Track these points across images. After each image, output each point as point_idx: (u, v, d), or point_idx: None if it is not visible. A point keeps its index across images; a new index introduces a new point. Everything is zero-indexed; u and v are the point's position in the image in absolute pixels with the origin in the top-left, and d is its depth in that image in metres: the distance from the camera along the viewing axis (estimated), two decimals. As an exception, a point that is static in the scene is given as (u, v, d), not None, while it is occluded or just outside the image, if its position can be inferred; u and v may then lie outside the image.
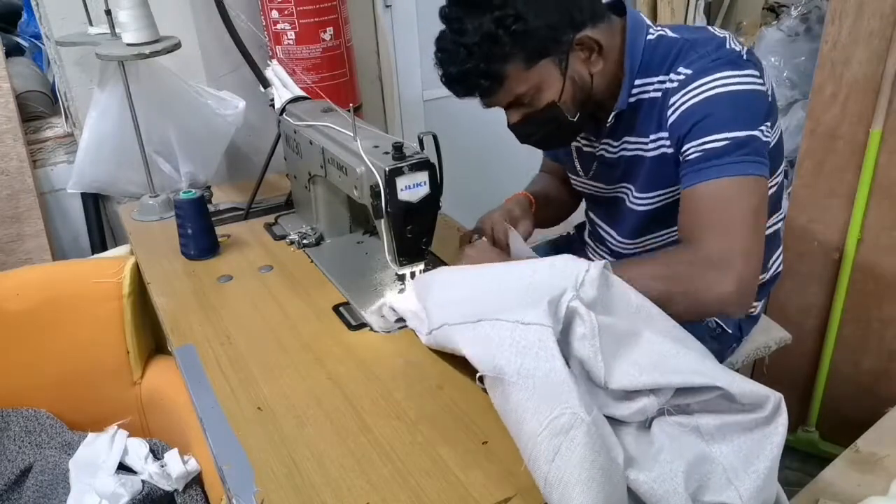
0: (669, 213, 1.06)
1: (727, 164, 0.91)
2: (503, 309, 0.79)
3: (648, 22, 1.05)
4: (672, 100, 0.98)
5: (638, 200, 1.12)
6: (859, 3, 1.35)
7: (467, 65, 0.97)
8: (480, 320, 0.81)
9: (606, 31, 1.02)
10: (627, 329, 0.78)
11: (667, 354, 0.76)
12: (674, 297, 0.88)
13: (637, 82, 1.03)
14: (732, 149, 0.92)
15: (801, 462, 1.75)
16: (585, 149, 1.19)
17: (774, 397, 0.74)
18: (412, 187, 1.01)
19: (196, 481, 1.24)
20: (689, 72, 0.96)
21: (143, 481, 1.22)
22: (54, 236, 1.78)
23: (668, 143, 1.01)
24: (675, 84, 0.98)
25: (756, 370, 1.61)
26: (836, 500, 0.89)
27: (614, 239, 1.23)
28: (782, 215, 1.18)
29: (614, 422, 0.76)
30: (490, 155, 2.54)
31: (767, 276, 1.20)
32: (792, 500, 0.91)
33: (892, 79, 1.34)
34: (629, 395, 0.76)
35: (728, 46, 0.98)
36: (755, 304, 1.22)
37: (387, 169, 0.98)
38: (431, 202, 1.04)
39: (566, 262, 0.84)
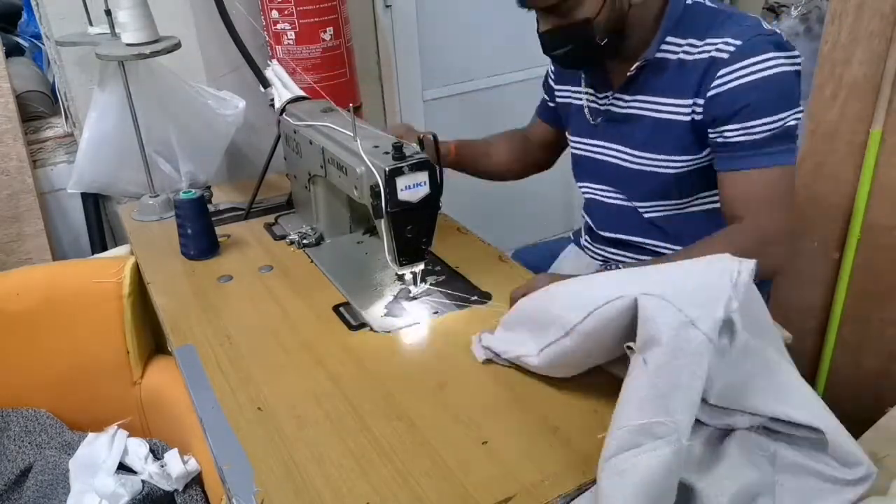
0: (681, 182, 1.12)
1: (775, 154, 1.00)
2: (666, 293, 0.72)
3: None
4: (721, 71, 1.00)
5: (674, 163, 1.12)
6: (859, 3, 1.35)
7: None
8: (643, 294, 0.74)
9: None
10: (759, 347, 0.75)
11: (783, 383, 0.74)
12: None
13: (668, 39, 1.06)
14: (778, 137, 0.99)
15: (801, 462, 1.74)
16: (591, 105, 1.22)
17: (869, 468, 0.71)
18: (412, 187, 1.01)
19: (196, 481, 1.24)
20: (738, 43, 0.99)
21: (143, 481, 1.22)
22: (54, 236, 1.78)
23: (700, 111, 1.04)
24: (726, 55, 1.00)
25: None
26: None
27: (617, 200, 1.23)
28: None
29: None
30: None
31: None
32: (792, 500, 0.91)
33: (892, 79, 1.34)
34: (728, 410, 0.75)
35: (765, 26, 1.02)
36: None
37: (387, 169, 0.98)
38: (431, 202, 1.04)
39: (719, 259, 0.77)
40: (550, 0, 1.03)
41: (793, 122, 1.00)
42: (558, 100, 1.33)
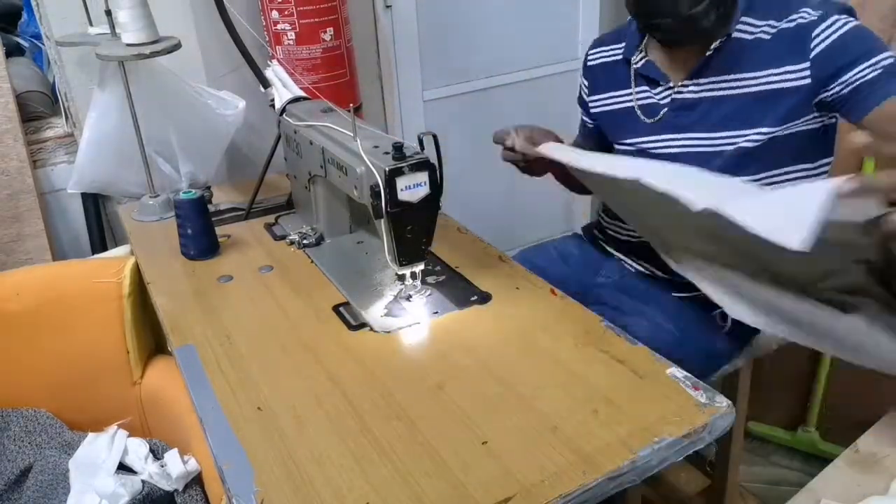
0: (759, 153, 1.11)
1: None
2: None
3: None
4: (816, 31, 1.04)
5: (720, 140, 1.13)
6: (859, 3, 1.35)
7: None
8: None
9: None
10: None
11: None
12: None
13: (744, 19, 1.10)
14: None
15: (801, 462, 1.75)
16: (648, 101, 1.22)
17: None
18: (412, 187, 1.01)
19: (196, 481, 1.24)
20: (819, 12, 1.04)
21: (143, 481, 1.22)
22: (54, 236, 1.78)
23: (810, 73, 1.05)
24: (814, 18, 1.04)
25: (756, 370, 1.61)
26: (836, 500, 0.89)
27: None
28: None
29: None
30: (490, 155, 2.54)
31: None
32: (792, 500, 0.91)
33: (892, 79, 1.34)
34: None
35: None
36: None
37: (387, 169, 0.99)
38: (431, 202, 1.04)
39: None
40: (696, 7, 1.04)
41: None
42: (593, 110, 1.33)
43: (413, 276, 1.10)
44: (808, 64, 1.05)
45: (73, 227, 1.80)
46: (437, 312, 1.10)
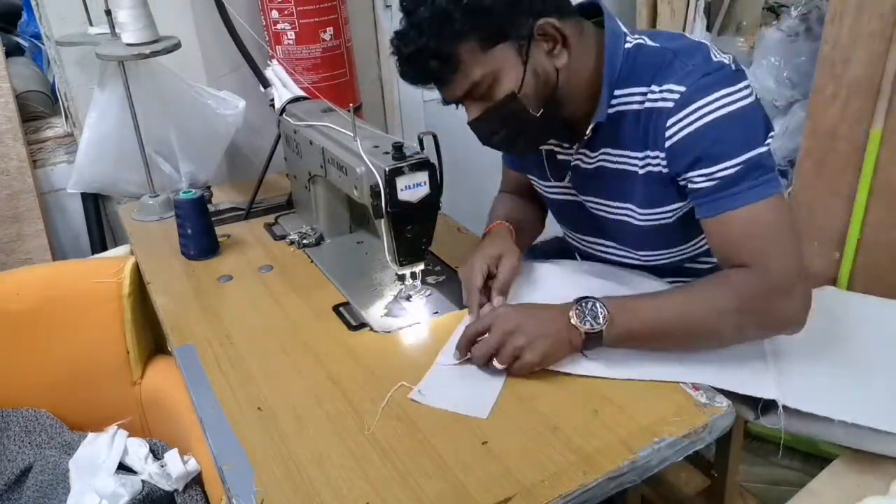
0: (658, 234, 1.06)
1: (750, 189, 0.90)
2: None
3: (625, 29, 1.01)
4: (669, 122, 0.92)
5: (639, 214, 1.06)
6: (859, 3, 1.35)
7: (418, 44, 0.90)
8: None
9: (574, 28, 0.96)
10: None
11: None
12: (746, 328, 0.91)
13: (617, 93, 0.98)
14: (748, 172, 0.89)
15: (801, 462, 1.75)
16: (559, 156, 1.12)
17: None
18: (412, 187, 1.01)
19: (196, 481, 1.24)
20: (682, 89, 0.91)
21: (143, 481, 1.22)
22: (54, 236, 1.78)
23: (663, 163, 0.96)
24: (671, 103, 0.92)
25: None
26: (836, 500, 0.89)
27: (598, 246, 1.19)
28: None
29: None
30: (490, 155, 2.54)
31: None
32: (792, 500, 0.91)
33: (892, 79, 1.34)
34: None
35: (715, 58, 0.93)
36: None
37: (387, 169, 0.99)
38: (431, 202, 1.04)
39: None
40: (463, 87, 0.94)
41: (763, 150, 0.90)
42: None
43: (413, 276, 1.10)
44: (662, 154, 0.96)
45: (73, 227, 1.80)
46: (437, 312, 1.10)
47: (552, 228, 1.44)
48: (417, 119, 2.35)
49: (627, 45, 0.98)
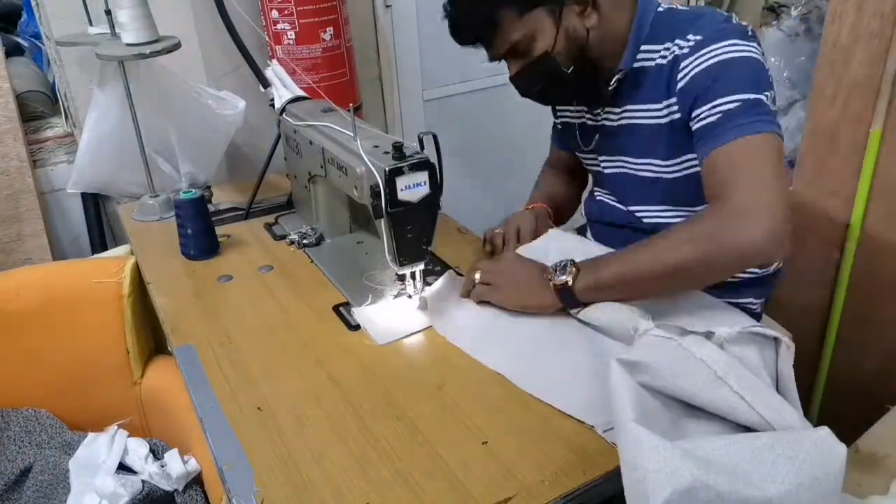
0: (686, 185, 1.09)
1: (744, 125, 0.93)
2: None
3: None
4: (682, 64, 1.00)
5: (655, 168, 1.12)
6: (859, 3, 1.34)
7: (464, 9, 1.05)
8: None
9: None
10: None
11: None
12: (706, 256, 0.90)
13: (644, 48, 1.06)
14: (746, 108, 0.93)
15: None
16: (589, 122, 1.21)
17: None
18: (412, 187, 1.01)
19: (196, 481, 1.24)
20: (699, 38, 0.99)
21: (143, 481, 1.22)
22: (54, 236, 1.78)
23: (676, 108, 1.03)
24: (686, 49, 1.00)
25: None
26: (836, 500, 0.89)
27: (629, 214, 1.22)
28: None
29: None
30: (490, 154, 2.54)
31: (770, 270, 1.21)
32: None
33: (892, 79, 1.34)
34: None
35: (734, 21, 1.01)
36: (755, 301, 1.22)
37: (387, 169, 0.98)
38: (431, 202, 1.03)
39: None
40: (503, 46, 1.06)
41: (763, 97, 0.94)
42: (559, 120, 1.33)
43: (413, 276, 1.10)
44: (675, 98, 1.02)
45: (73, 227, 1.80)
46: (437, 312, 1.10)
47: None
48: (417, 119, 2.35)
49: (660, 10, 1.07)
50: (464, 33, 1.08)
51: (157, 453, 1.30)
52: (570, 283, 0.99)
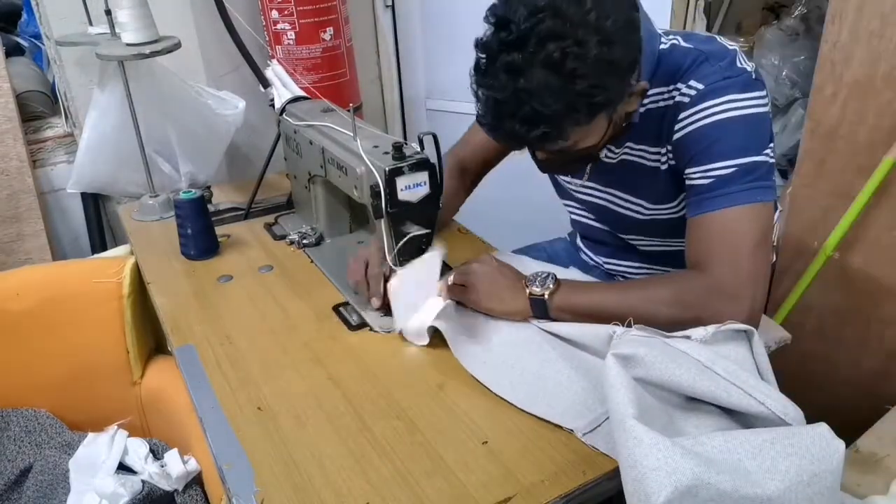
0: (673, 225, 1.07)
1: (735, 193, 0.91)
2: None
3: (659, 30, 1.01)
4: (681, 115, 0.95)
5: (646, 209, 1.11)
6: (859, 3, 1.34)
7: (523, 112, 0.85)
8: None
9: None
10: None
11: None
12: (680, 321, 0.89)
13: (649, 92, 0.99)
14: (741, 174, 0.91)
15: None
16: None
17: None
18: (412, 187, 1.01)
19: (196, 481, 1.24)
20: (700, 87, 0.94)
21: (143, 481, 1.22)
22: (54, 236, 1.78)
23: (671, 157, 1.01)
24: (687, 99, 0.95)
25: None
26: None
27: (616, 239, 1.23)
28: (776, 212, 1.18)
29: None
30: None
31: None
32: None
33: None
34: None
35: (739, 64, 0.95)
36: None
37: (387, 169, 0.98)
38: (431, 202, 1.04)
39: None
40: (553, 148, 0.92)
41: (761, 158, 0.92)
42: None
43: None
44: (671, 147, 0.99)
45: (73, 227, 1.80)
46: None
47: (552, 229, 1.44)
48: (418, 119, 2.35)
49: (662, 46, 0.99)
50: (512, 137, 0.89)
51: (157, 453, 1.30)
52: (546, 295, 0.98)
